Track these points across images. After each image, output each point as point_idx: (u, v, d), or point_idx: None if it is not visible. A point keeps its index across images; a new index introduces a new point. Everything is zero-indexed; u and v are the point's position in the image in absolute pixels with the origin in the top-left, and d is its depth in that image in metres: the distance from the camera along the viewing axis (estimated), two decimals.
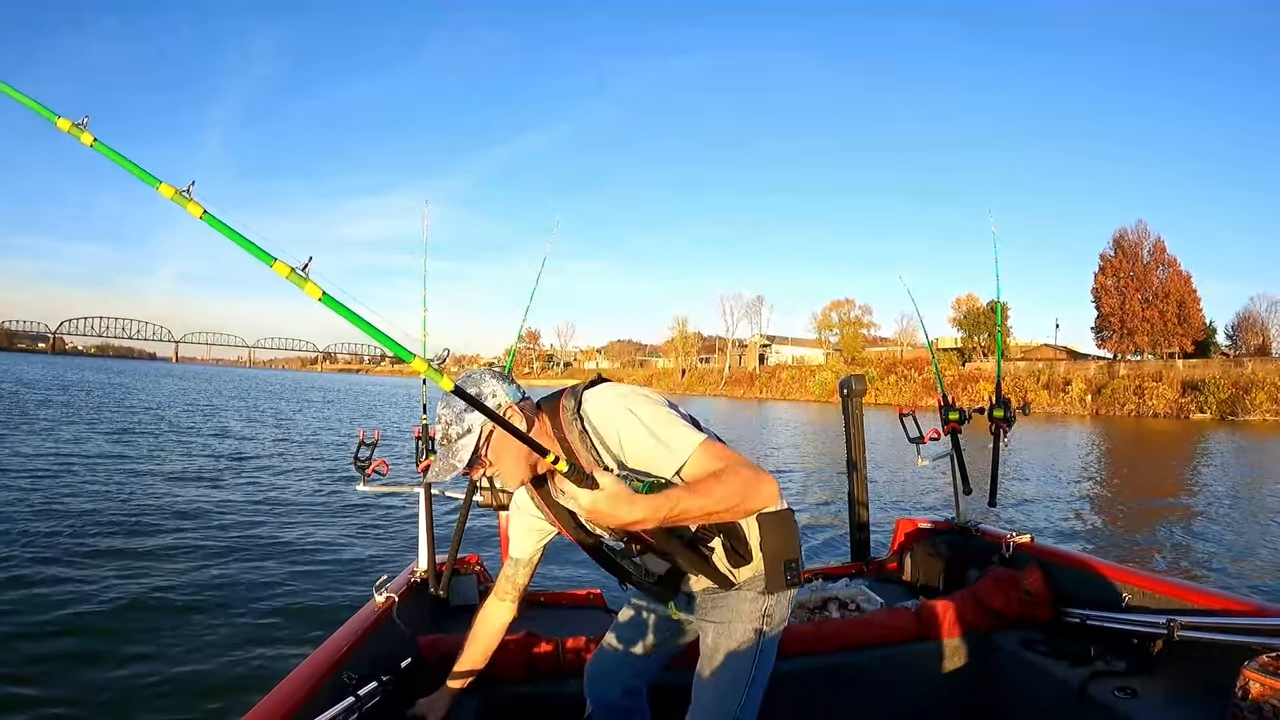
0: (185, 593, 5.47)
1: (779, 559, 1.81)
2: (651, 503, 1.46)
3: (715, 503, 1.52)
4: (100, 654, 4.33)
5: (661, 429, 1.63)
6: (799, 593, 3.25)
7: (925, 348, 35.77)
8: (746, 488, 1.55)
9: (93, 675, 4.08)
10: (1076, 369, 53.02)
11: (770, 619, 1.86)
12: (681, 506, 1.49)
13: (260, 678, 4.05)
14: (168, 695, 3.93)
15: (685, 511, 1.50)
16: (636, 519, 1.45)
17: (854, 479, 3.87)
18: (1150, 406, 45.49)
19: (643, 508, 1.44)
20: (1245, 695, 1.86)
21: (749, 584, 1.85)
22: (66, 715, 3.72)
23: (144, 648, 4.44)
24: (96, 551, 6.34)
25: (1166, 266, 53.61)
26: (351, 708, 1.97)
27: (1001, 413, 3.58)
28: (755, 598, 1.84)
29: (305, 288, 1.28)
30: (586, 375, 1.92)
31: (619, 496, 1.42)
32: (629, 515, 1.44)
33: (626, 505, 1.43)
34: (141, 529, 7.29)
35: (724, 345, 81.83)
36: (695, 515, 1.53)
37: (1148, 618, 2.45)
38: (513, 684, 2.46)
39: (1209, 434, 30.51)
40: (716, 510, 1.54)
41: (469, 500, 3.13)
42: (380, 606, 2.55)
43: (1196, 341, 52.25)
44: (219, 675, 4.17)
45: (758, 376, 72.81)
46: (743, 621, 1.85)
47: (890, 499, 11.21)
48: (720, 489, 1.52)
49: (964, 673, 2.78)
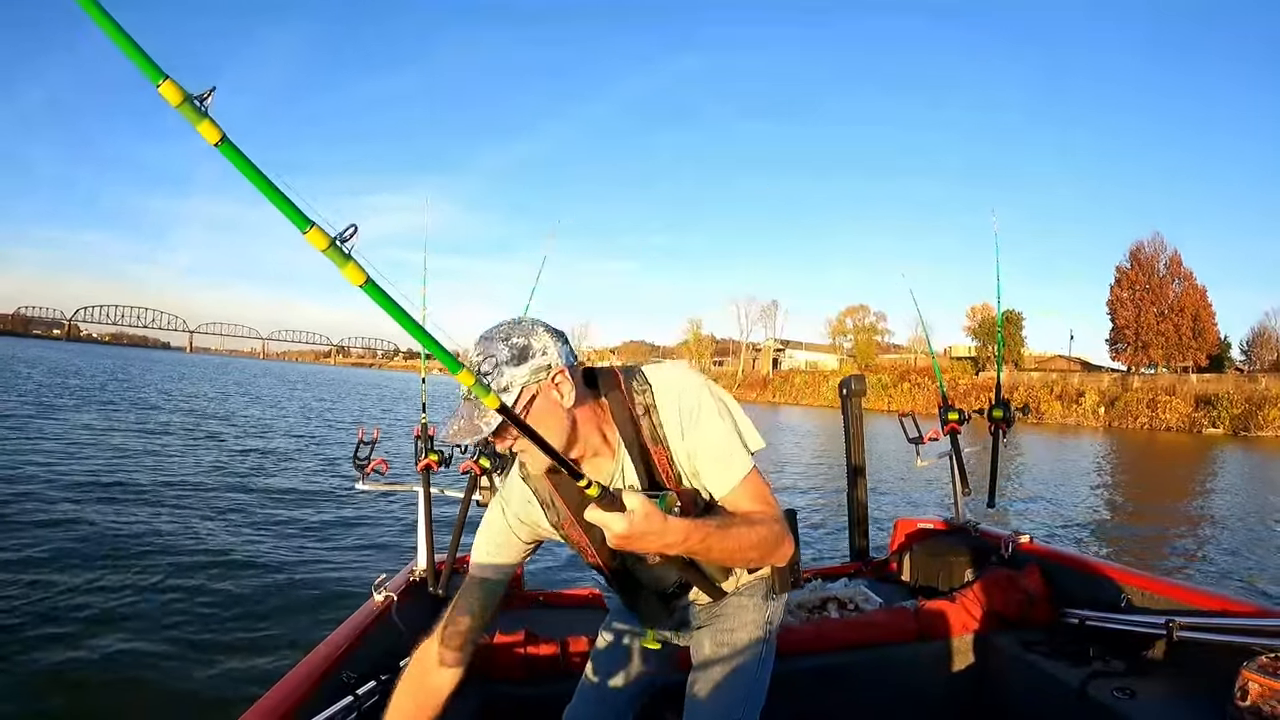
0: (183, 591, 5.46)
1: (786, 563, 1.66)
2: (684, 529, 1.28)
3: (741, 550, 1.39)
4: (98, 653, 4.32)
5: (740, 435, 1.47)
6: (799, 593, 3.26)
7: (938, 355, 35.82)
8: (776, 546, 1.43)
9: (92, 675, 4.07)
10: (1090, 381, 52.69)
11: (772, 623, 1.74)
12: (709, 543, 1.32)
13: (259, 677, 4.05)
14: (166, 695, 3.94)
15: (710, 549, 1.34)
16: (669, 544, 1.27)
17: (854, 479, 3.86)
18: (1163, 420, 45.14)
19: (676, 532, 1.26)
20: (1244, 696, 1.86)
21: (749, 589, 1.72)
22: (67, 715, 3.73)
23: (142, 647, 4.44)
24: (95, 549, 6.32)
25: (1182, 280, 53.16)
26: (350, 707, 1.96)
27: (1001, 413, 3.58)
28: (758, 604, 1.71)
29: (345, 270, 0.98)
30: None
31: (653, 518, 1.22)
32: (662, 539, 1.25)
33: (660, 531, 1.24)
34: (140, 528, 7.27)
35: (737, 349, 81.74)
36: (715, 556, 1.38)
37: (1147, 618, 2.44)
38: (513, 684, 2.45)
39: (1220, 449, 30.27)
40: (737, 558, 1.43)
41: (468, 498, 3.13)
42: (379, 605, 2.54)
43: (1211, 356, 51.71)
44: (217, 674, 4.17)
45: (771, 381, 72.67)
46: (746, 629, 1.70)
47: (891, 499, 11.18)
48: (752, 537, 1.38)
49: (963, 673, 2.77)
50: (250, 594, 5.53)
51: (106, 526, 7.17)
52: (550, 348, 1.39)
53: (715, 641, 1.71)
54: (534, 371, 1.37)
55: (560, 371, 1.39)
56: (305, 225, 0.97)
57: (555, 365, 1.39)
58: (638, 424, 1.47)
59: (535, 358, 1.37)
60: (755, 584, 1.72)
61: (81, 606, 5.01)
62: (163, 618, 4.94)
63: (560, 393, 1.40)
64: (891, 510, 9.40)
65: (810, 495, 11.65)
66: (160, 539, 6.89)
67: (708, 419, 1.46)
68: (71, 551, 6.23)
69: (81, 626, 4.70)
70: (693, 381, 1.49)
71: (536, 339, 1.39)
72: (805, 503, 10.71)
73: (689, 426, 1.46)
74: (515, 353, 1.37)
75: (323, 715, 1.84)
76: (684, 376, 1.50)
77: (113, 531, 7.02)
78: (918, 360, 63.45)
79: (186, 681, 4.07)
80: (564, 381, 1.39)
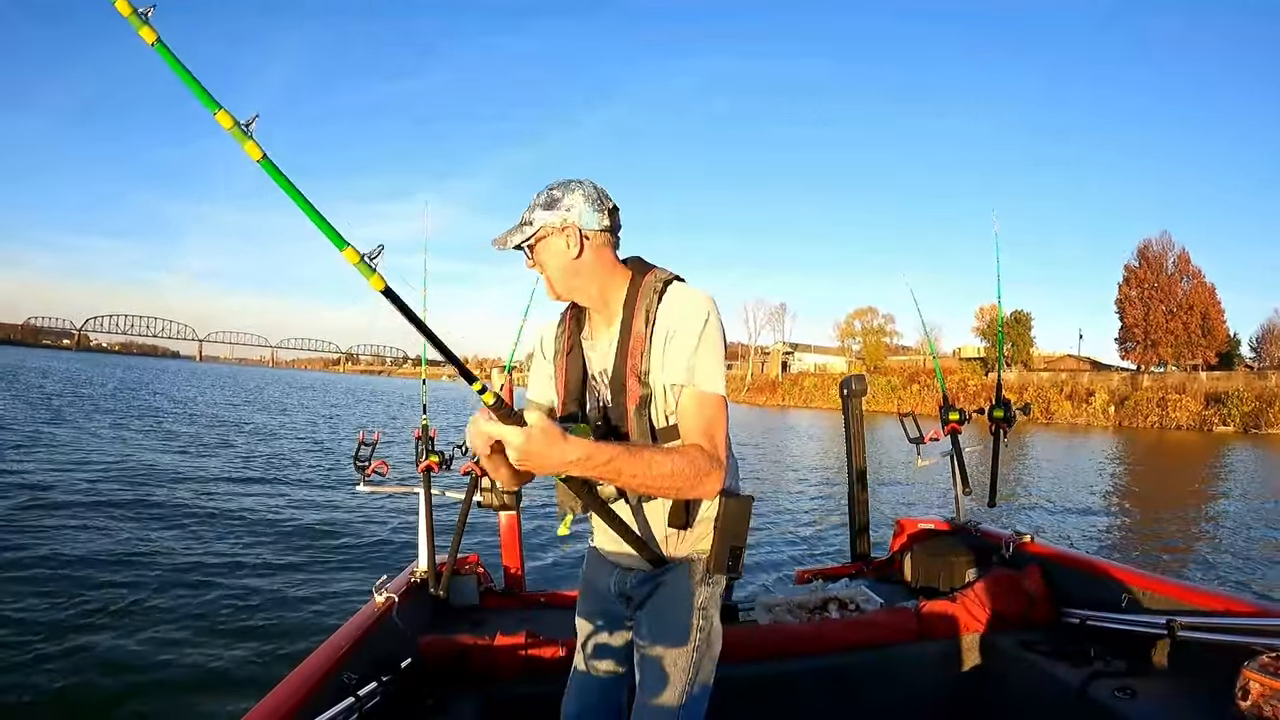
0: (184, 592, 5.49)
1: (729, 541, 1.64)
2: (587, 448, 1.35)
3: (655, 478, 1.43)
4: (97, 653, 4.34)
5: (711, 353, 1.58)
6: (799, 593, 3.26)
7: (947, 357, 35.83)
8: (696, 477, 1.48)
9: (91, 675, 4.08)
10: (1100, 380, 52.50)
11: (706, 609, 1.70)
12: (617, 464, 1.39)
13: (260, 678, 4.06)
14: (167, 695, 3.95)
15: (619, 472, 1.40)
16: (570, 460, 1.33)
17: (854, 479, 3.86)
18: (1173, 418, 44.94)
19: (577, 449, 1.33)
20: (1245, 695, 1.84)
21: (685, 563, 1.70)
22: (66, 715, 3.74)
23: (143, 647, 4.46)
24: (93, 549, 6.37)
25: (1190, 278, 53.04)
26: (351, 708, 1.97)
27: (1001, 413, 3.58)
28: (692, 589, 1.69)
29: (370, 279, 1.20)
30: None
31: (550, 436, 1.30)
32: (562, 456, 1.32)
33: (561, 450, 1.31)
34: (140, 529, 7.33)
35: (746, 352, 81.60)
36: (628, 481, 1.43)
37: (1148, 618, 2.43)
38: (513, 684, 2.45)
39: (1230, 447, 30.12)
40: (652, 486, 1.45)
41: (469, 500, 3.14)
42: (380, 607, 2.55)
43: (1220, 353, 51.57)
44: (218, 675, 4.19)
45: (780, 384, 72.56)
46: (678, 614, 1.69)
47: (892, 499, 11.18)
48: (668, 465, 1.44)
49: (964, 673, 2.76)
50: (251, 594, 5.55)
51: (106, 527, 7.26)
52: (576, 207, 1.61)
53: (650, 627, 1.72)
54: (552, 218, 1.61)
55: (572, 226, 1.61)
56: (342, 244, 1.18)
57: (571, 221, 1.61)
58: (633, 309, 1.64)
59: (558, 209, 1.61)
60: (693, 558, 1.70)
61: (80, 608, 5.04)
62: (162, 618, 4.96)
63: (567, 244, 1.61)
64: (893, 510, 9.40)
65: (811, 495, 11.63)
66: (160, 539, 6.95)
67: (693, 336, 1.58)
68: (71, 551, 6.27)
69: (81, 625, 4.74)
70: (703, 307, 1.61)
71: (569, 197, 1.62)
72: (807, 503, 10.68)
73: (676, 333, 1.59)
74: (549, 201, 1.62)
75: (324, 716, 1.84)
76: (699, 301, 1.62)
77: (113, 532, 7.10)
78: (926, 362, 63.32)
79: (187, 682, 4.09)
80: (572, 236, 1.61)
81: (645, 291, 1.64)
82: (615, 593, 1.81)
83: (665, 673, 1.67)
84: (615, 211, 1.68)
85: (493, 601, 3.21)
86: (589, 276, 1.66)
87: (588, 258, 1.64)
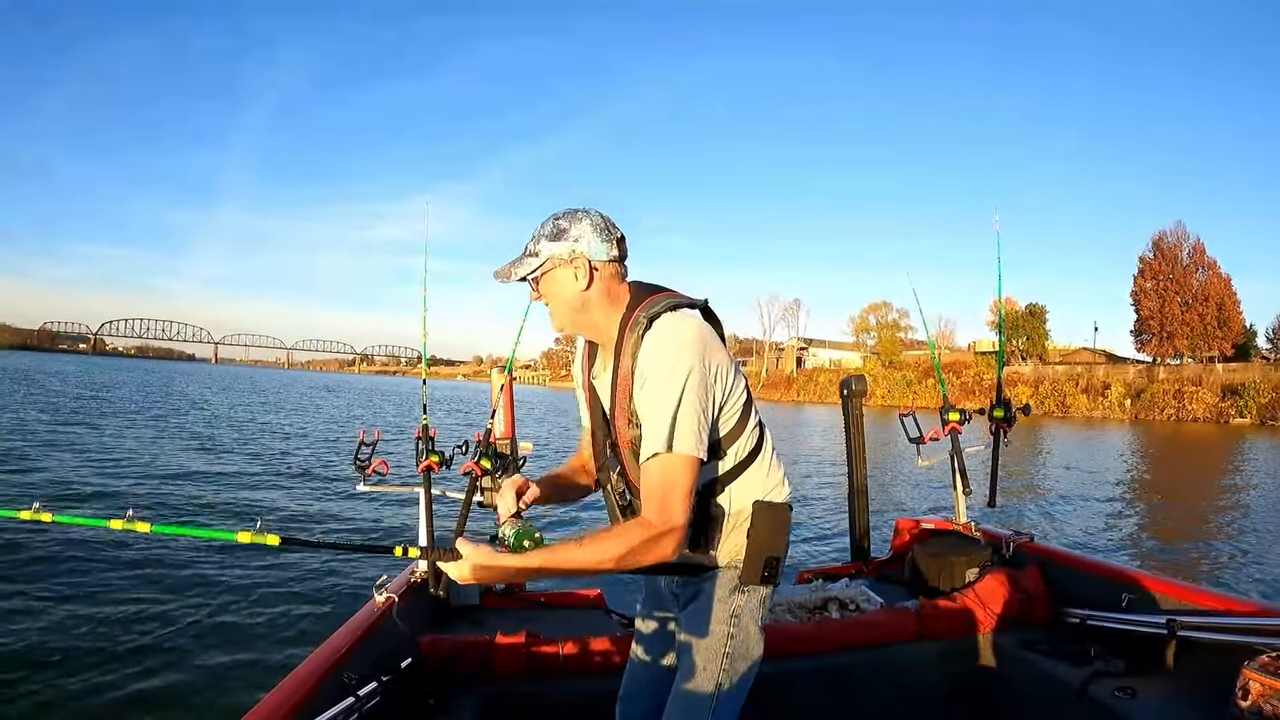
0: (184, 593, 5.49)
1: (763, 551, 1.66)
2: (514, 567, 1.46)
3: (593, 565, 1.47)
4: (97, 653, 4.35)
5: (675, 407, 1.50)
6: (799, 594, 3.25)
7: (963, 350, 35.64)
8: (644, 552, 1.46)
9: (90, 675, 4.09)
10: (1115, 373, 52.21)
11: (739, 617, 1.69)
12: (549, 567, 1.47)
13: (260, 678, 4.07)
14: (167, 695, 3.96)
15: (554, 570, 1.48)
16: (505, 576, 1.51)
17: (854, 479, 3.86)
18: (1190, 411, 44.65)
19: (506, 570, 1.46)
20: (1245, 695, 1.84)
21: (719, 573, 1.70)
22: (65, 715, 3.76)
23: (143, 648, 4.48)
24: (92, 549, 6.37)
25: (1206, 269, 52.51)
26: (351, 708, 1.96)
27: (1001, 413, 3.55)
28: (726, 596, 1.69)
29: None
30: None
31: (478, 568, 1.43)
32: (502, 577, 1.50)
33: (493, 575, 1.47)
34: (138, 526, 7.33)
35: (760, 348, 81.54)
36: (571, 572, 1.51)
37: (1148, 618, 2.42)
38: (513, 684, 2.45)
39: (1247, 439, 29.84)
40: (598, 569, 1.47)
41: (469, 500, 3.13)
42: (380, 606, 2.54)
43: (1236, 345, 50.94)
44: (219, 675, 4.20)
45: (795, 379, 72.38)
46: (711, 621, 1.69)
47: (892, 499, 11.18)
48: (605, 553, 1.45)
49: (964, 673, 2.76)
50: (250, 594, 5.56)
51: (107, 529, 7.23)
52: (584, 237, 1.61)
53: (684, 632, 1.74)
54: (560, 249, 1.60)
55: (581, 257, 1.60)
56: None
57: (579, 253, 1.60)
58: (621, 346, 1.63)
59: (565, 240, 1.60)
60: (727, 568, 1.71)
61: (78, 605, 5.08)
62: (163, 618, 4.98)
63: (576, 275, 1.61)
64: (893, 510, 9.35)
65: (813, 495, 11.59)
66: (160, 539, 6.85)
67: (661, 388, 1.52)
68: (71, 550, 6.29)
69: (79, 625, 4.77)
70: (674, 353, 1.54)
71: (576, 227, 1.61)
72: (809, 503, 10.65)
73: (646, 380, 1.56)
74: (555, 231, 1.61)
75: (324, 716, 1.84)
76: (673, 346, 1.55)
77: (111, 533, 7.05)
78: (941, 356, 63.00)
79: (187, 682, 4.11)
80: (581, 267, 1.60)
81: (634, 326, 1.60)
82: (667, 591, 1.86)
83: (695, 676, 1.69)
84: (623, 240, 1.66)
85: (493, 601, 3.21)
86: (595, 309, 1.65)
87: (596, 289, 1.63)
